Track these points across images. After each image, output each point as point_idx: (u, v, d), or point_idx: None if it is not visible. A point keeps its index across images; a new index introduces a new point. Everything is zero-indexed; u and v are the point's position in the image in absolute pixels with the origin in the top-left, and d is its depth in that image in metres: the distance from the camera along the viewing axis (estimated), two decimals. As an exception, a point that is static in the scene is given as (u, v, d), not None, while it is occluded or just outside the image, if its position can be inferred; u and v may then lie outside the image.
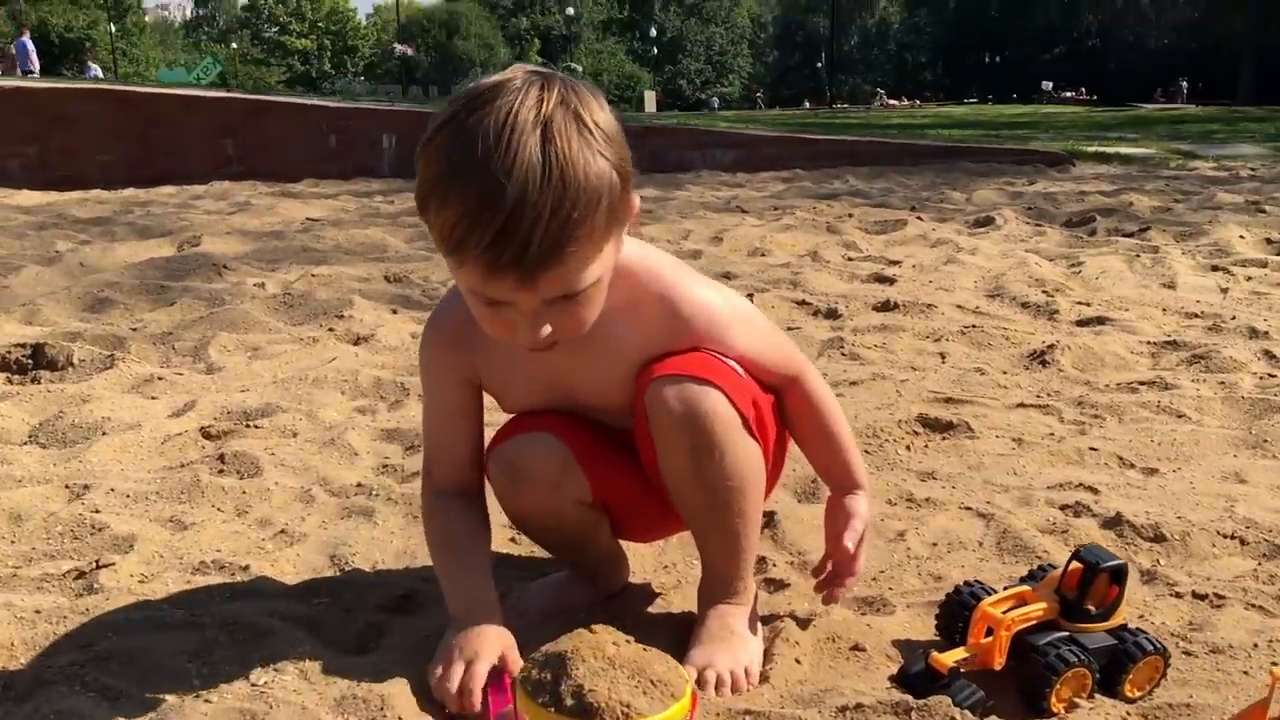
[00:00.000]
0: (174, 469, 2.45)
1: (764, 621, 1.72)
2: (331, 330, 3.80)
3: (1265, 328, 3.63)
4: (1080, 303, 4.16)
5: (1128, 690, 1.52)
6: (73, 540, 2.04)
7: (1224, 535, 2.06)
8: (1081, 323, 3.86)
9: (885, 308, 4.10)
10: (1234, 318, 3.82)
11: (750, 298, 4.01)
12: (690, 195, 8.47)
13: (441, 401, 1.67)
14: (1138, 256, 5.11)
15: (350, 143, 11.34)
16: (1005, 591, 1.59)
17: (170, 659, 1.57)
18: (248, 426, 2.73)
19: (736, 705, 1.48)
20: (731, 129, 12.88)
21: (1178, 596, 1.83)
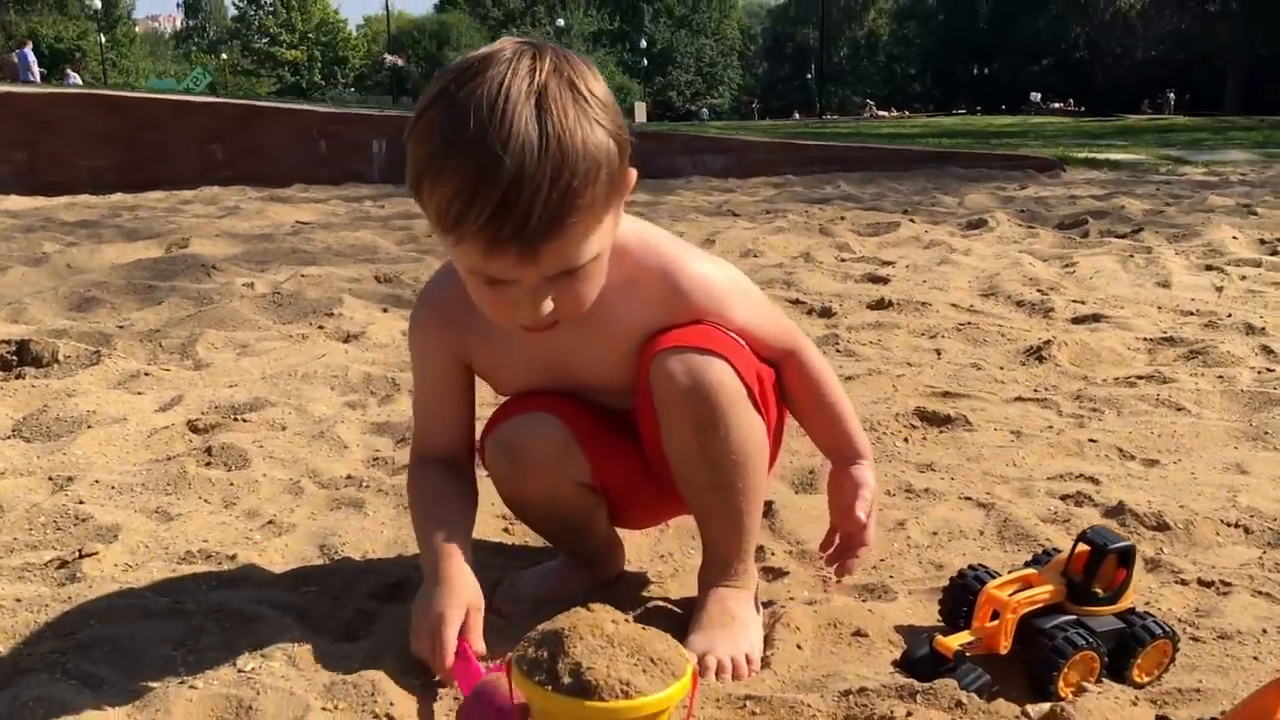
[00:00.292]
0: (160, 461, 2.40)
1: (764, 608, 1.68)
2: (321, 328, 3.76)
3: (1262, 324, 3.61)
4: (1075, 301, 4.14)
5: (1136, 675, 1.49)
6: (55, 530, 2.00)
7: (1228, 524, 2.03)
8: (1077, 320, 3.84)
9: (879, 306, 4.07)
10: (1230, 315, 3.80)
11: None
12: (681, 200, 8.45)
13: (431, 378, 1.63)
14: (1131, 257, 5.10)
15: (340, 148, 11.30)
16: (1010, 574, 1.56)
17: (155, 646, 1.53)
18: (236, 420, 2.68)
19: (737, 691, 1.44)
20: (721, 135, 12.87)
21: (1183, 584, 1.80)
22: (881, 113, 56.82)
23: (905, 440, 2.59)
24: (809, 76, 74.74)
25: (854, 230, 6.29)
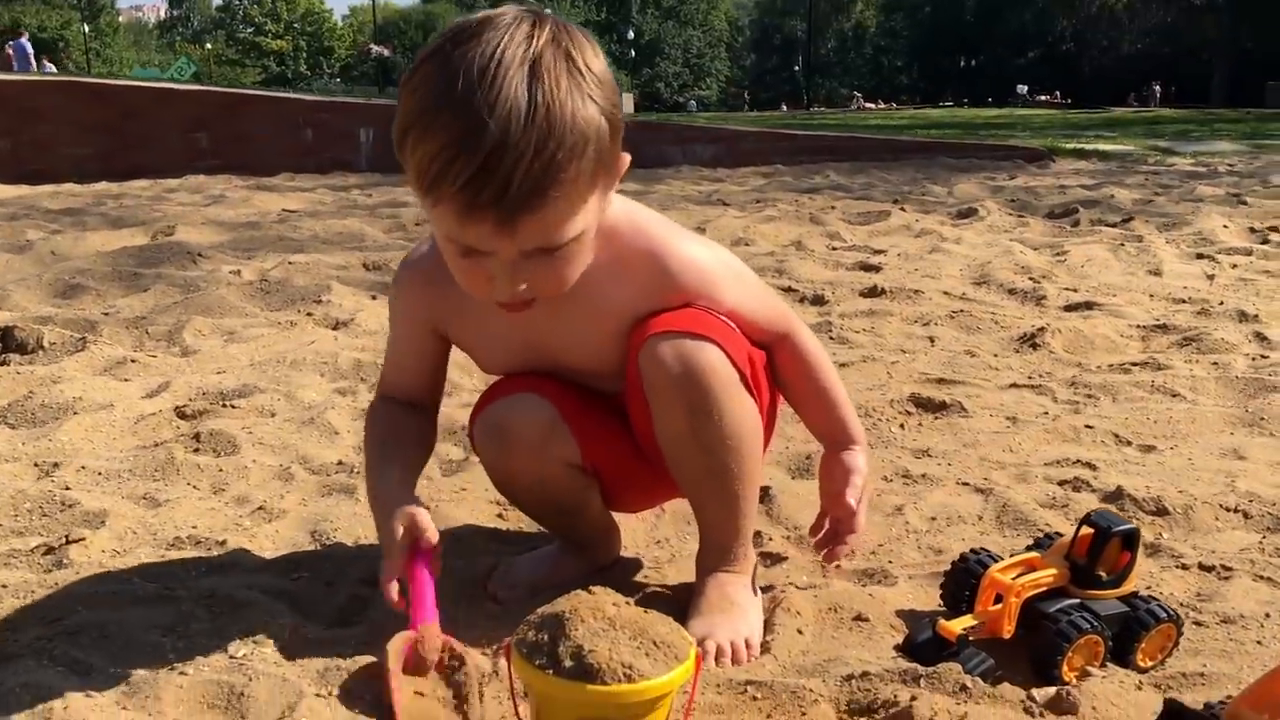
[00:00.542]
0: (147, 447, 2.37)
1: (763, 593, 1.66)
2: (310, 315, 3.72)
3: (1255, 311, 3.61)
4: (1067, 289, 4.12)
5: (1140, 659, 1.47)
6: (41, 517, 1.96)
7: (1227, 509, 2.02)
8: (1069, 308, 3.83)
9: (872, 293, 4.05)
10: (1222, 303, 3.79)
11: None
12: (671, 189, 8.42)
13: (405, 338, 1.62)
14: (1122, 245, 5.09)
15: (327, 136, 11.21)
16: (1013, 558, 1.54)
17: (143, 633, 1.50)
18: (224, 406, 2.65)
19: (738, 676, 1.42)
20: (710, 125, 12.84)
21: (1184, 568, 1.79)
22: (869, 105, 56.81)
23: (901, 426, 2.57)
24: (796, 68, 74.72)
25: (845, 219, 6.27)
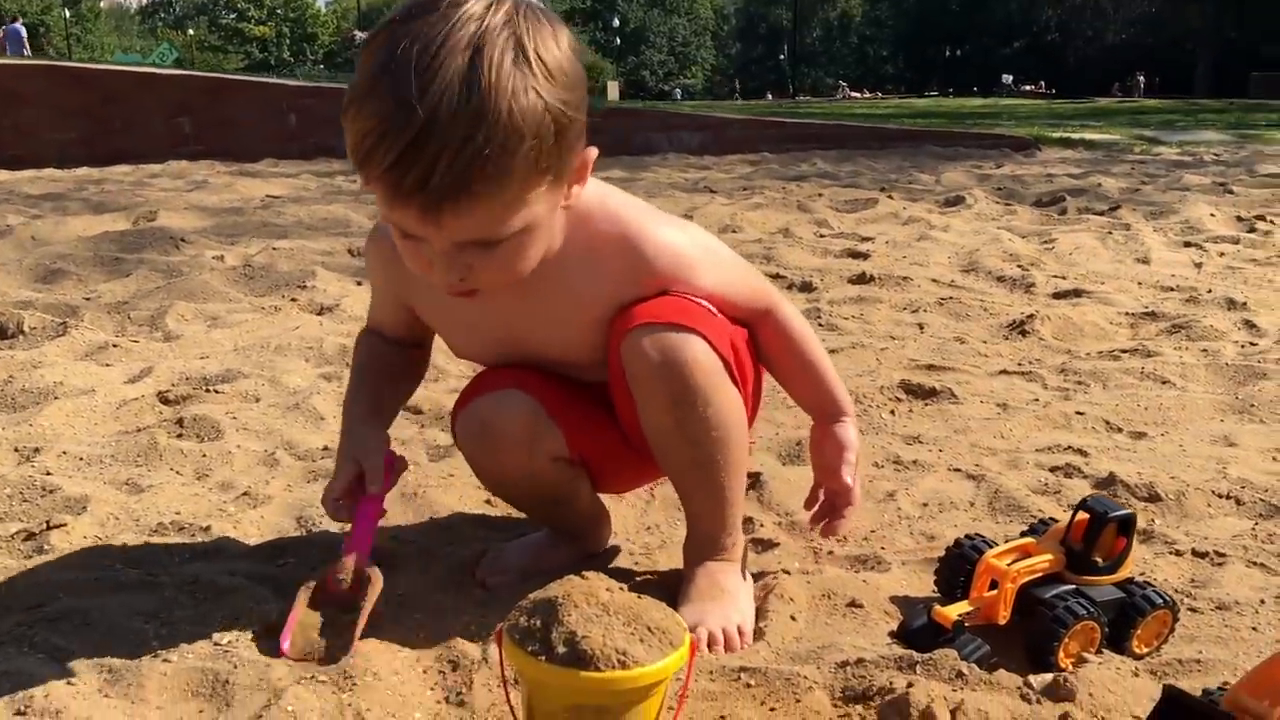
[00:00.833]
0: (130, 433, 2.33)
1: (755, 579, 1.64)
2: (294, 300, 3.69)
3: (1243, 299, 3.61)
4: (1055, 276, 4.12)
5: (1135, 645, 1.46)
6: (21, 502, 1.93)
7: (1219, 495, 2.01)
8: (1058, 295, 3.82)
9: (860, 280, 4.04)
10: (1210, 290, 3.79)
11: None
12: (658, 177, 8.38)
13: (382, 299, 1.62)
14: (1110, 233, 5.09)
15: (311, 122, 11.11)
16: (1008, 544, 1.52)
17: (126, 619, 1.47)
18: (208, 392, 2.61)
19: (731, 663, 1.40)
20: (697, 112, 12.80)
21: (1177, 555, 1.78)
22: (854, 94, 56.89)
23: (891, 413, 2.56)
24: (782, 57, 74.63)
25: (832, 207, 6.25)
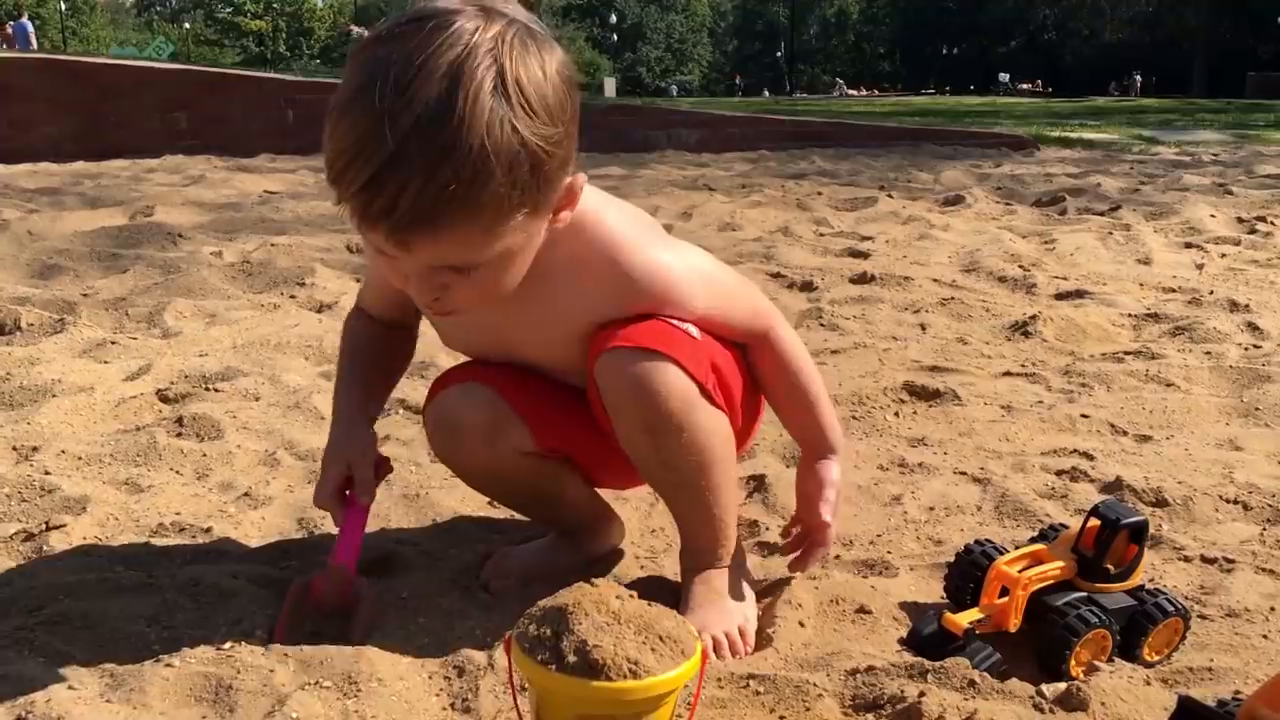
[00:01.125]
0: (129, 431, 2.31)
1: (761, 586, 1.63)
2: (293, 297, 3.67)
3: (1246, 301, 3.59)
4: (1057, 277, 4.10)
5: (1146, 653, 1.45)
6: (20, 502, 1.91)
7: (1226, 500, 2.00)
8: (1060, 296, 3.81)
9: (861, 280, 4.02)
10: (1212, 292, 3.78)
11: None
12: (656, 174, 8.35)
13: (378, 278, 1.60)
14: (1110, 234, 5.08)
15: (309, 117, 11.02)
16: (1019, 550, 1.51)
17: (127, 623, 1.46)
18: (207, 390, 2.59)
19: (740, 670, 1.39)
20: (695, 109, 12.78)
21: (1186, 560, 1.77)
22: (851, 91, 56.87)
23: (895, 414, 2.54)
24: (779, 54, 74.57)
25: (832, 205, 6.24)
